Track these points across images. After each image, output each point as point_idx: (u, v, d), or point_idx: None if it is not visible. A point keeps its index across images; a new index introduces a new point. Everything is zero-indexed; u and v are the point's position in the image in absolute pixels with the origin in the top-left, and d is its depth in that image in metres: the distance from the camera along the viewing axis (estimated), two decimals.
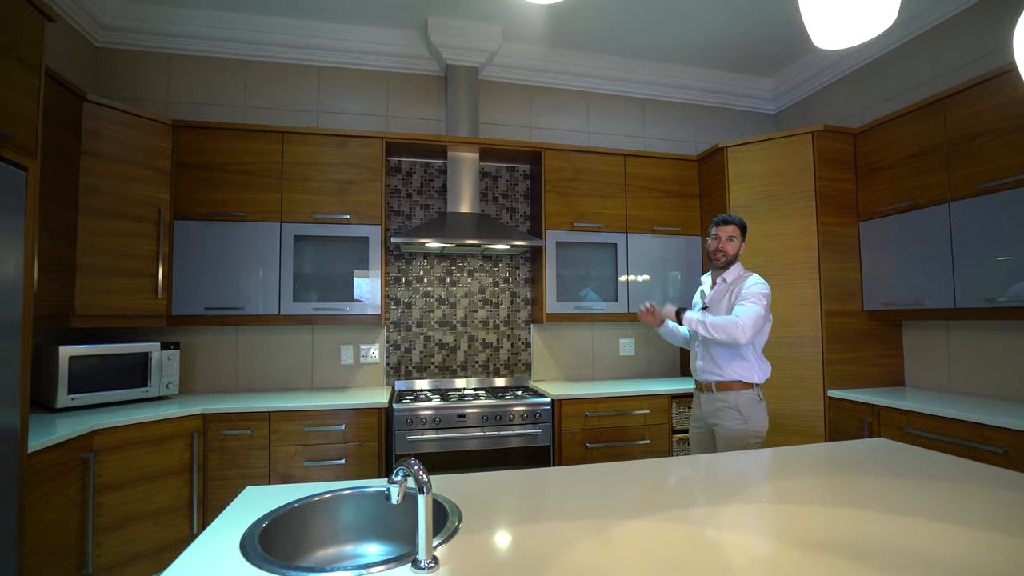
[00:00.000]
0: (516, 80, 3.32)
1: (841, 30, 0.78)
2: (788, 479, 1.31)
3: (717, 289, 2.19)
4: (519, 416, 2.61)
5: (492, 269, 3.24)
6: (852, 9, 0.75)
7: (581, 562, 0.85)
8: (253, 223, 2.64)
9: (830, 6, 0.76)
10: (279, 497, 1.13)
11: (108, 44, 2.84)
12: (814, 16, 0.78)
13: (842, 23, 0.77)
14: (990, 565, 0.81)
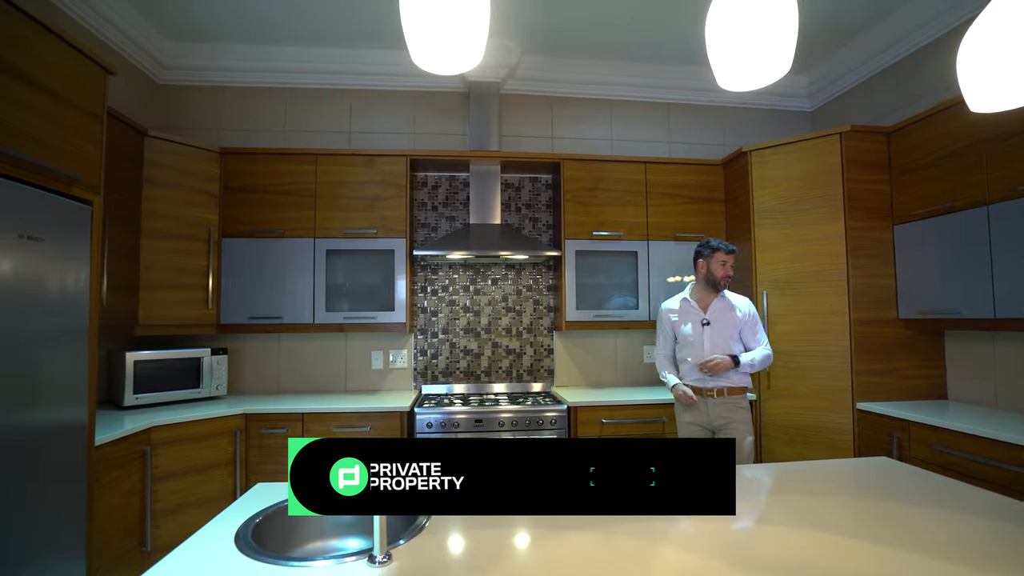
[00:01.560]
0: (537, 92, 3.40)
1: (742, 75, 0.82)
2: (757, 497, 1.32)
3: (719, 307, 2.40)
4: (535, 422, 2.69)
5: (515, 277, 3.34)
6: (750, 57, 0.79)
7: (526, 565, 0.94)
8: (290, 239, 2.89)
9: (732, 52, 0.80)
10: (284, 493, 1.29)
11: (168, 81, 3.18)
12: (717, 60, 0.83)
13: (742, 69, 0.81)
14: None
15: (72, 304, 1.80)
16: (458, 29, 0.70)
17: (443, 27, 0.70)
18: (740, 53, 0.80)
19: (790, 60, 0.80)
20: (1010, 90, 0.90)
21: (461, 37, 0.71)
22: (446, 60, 0.78)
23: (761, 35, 0.80)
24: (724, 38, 0.82)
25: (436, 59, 0.78)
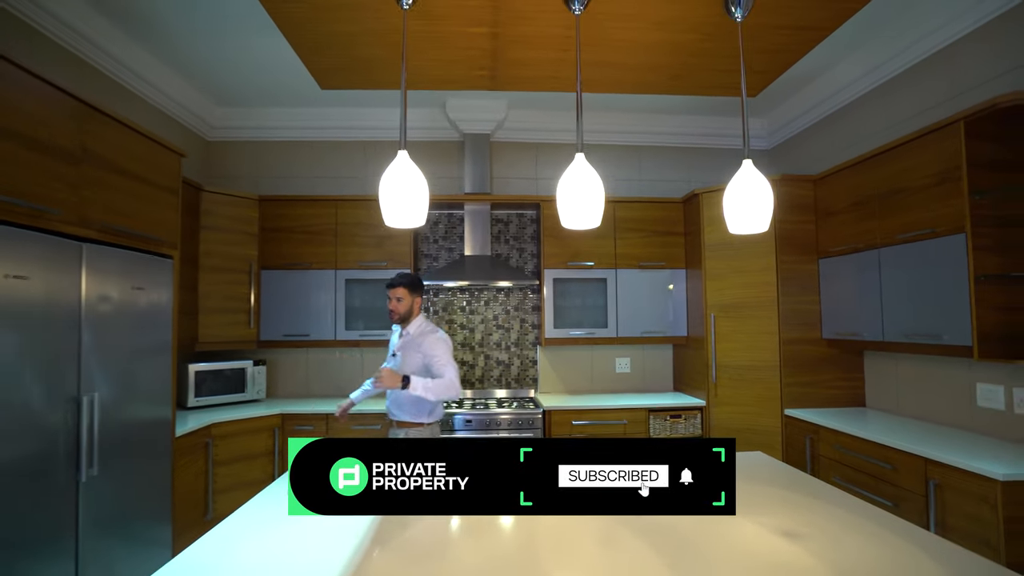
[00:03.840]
0: (523, 140, 3.96)
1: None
2: None
3: (405, 341, 2.48)
4: (516, 422, 3.26)
5: (504, 299, 3.90)
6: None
7: (453, 523, 1.50)
8: (315, 270, 3.50)
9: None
10: None
11: (216, 139, 3.83)
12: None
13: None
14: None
15: (160, 329, 2.43)
16: (410, 209, 1.27)
17: (401, 208, 1.28)
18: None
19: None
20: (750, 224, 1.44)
21: (412, 212, 1.29)
22: (403, 222, 1.37)
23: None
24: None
25: (397, 221, 1.37)
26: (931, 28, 2.65)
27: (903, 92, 2.92)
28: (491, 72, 1.95)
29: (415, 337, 2.46)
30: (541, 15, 1.57)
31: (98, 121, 2.07)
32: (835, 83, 3.34)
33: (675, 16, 1.59)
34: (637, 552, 1.24)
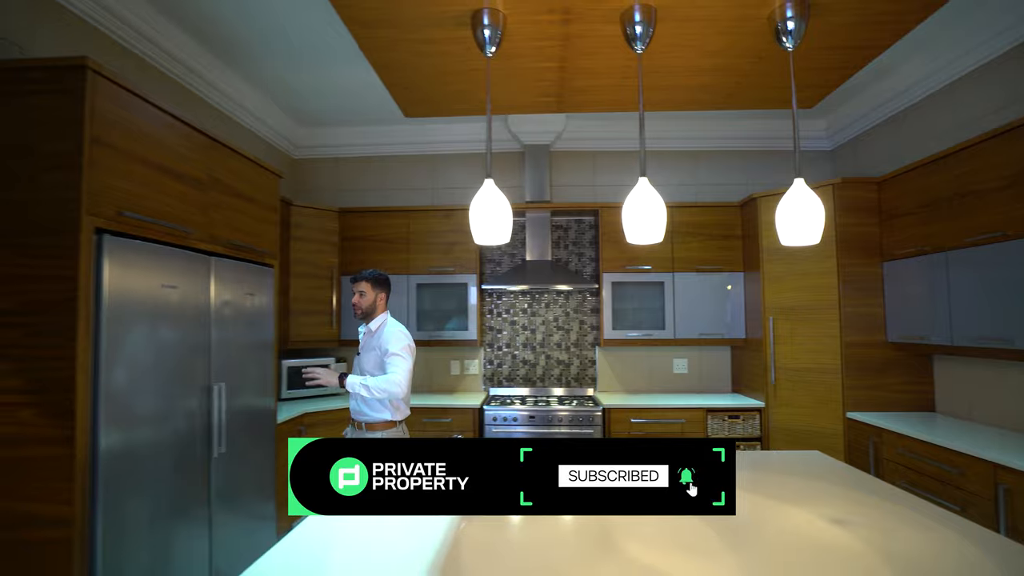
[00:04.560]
0: (581, 149, 4.13)
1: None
2: None
3: (366, 338, 2.50)
4: (576, 419, 3.43)
5: (564, 302, 4.08)
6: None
7: None
8: (390, 275, 3.81)
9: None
10: None
11: (300, 157, 4.24)
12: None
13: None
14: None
15: (265, 329, 2.78)
16: (497, 228, 1.49)
17: (489, 228, 1.49)
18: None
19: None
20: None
21: (499, 231, 1.50)
22: (491, 240, 1.58)
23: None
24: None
25: (485, 239, 1.59)
26: (1003, 27, 2.60)
27: (972, 91, 2.86)
28: (557, 98, 2.14)
29: (375, 333, 2.47)
30: (605, 51, 1.74)
31: (220, 152, 2.43)
32: (900, 83, 3.30)
33: (727, 45, 1.71)
34: (695, 529, 1.39)
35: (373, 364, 2.42)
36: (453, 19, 1.55)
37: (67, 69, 1.70)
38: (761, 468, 2.05)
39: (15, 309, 1.66)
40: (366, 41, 1.69)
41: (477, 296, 3.79)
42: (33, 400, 1.68)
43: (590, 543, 1.35)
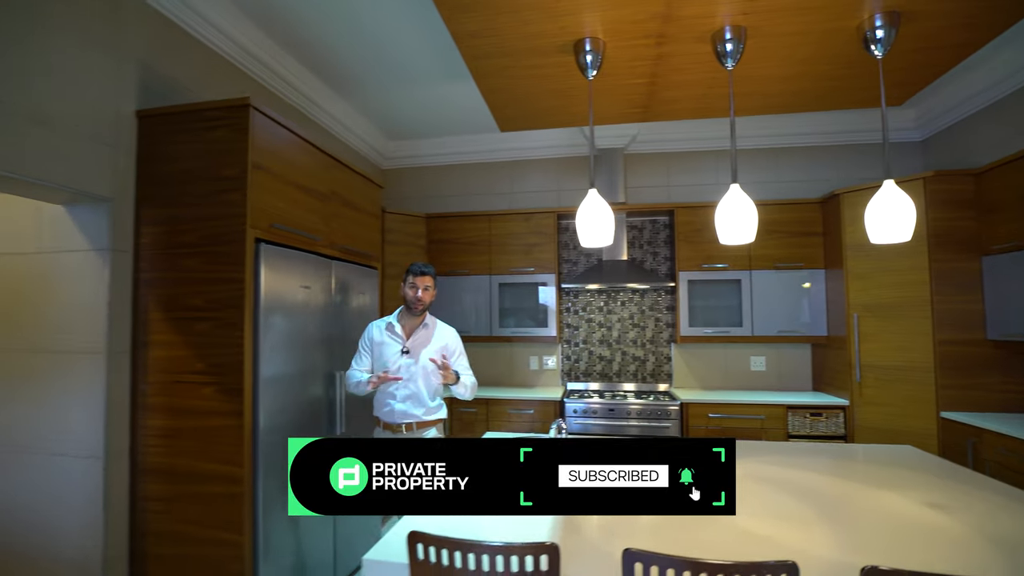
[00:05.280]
0: (655, 151, 4.22)
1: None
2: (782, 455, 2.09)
3: (420, 335, 2.35)
4: (653, 413, 3.55)
5: (639, 300, 4.20)
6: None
7: None
8: (474, 276, 4.09)
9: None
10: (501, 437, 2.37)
11: (388, 166, 4.62)
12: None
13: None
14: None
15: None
16: (600, 232, 1.68)
17: (594, 232, 1.69)
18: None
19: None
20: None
21: (602, 234, 1.69)
22: (596, 242, 1.77)
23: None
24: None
25: (591, 242, 1.78)
26: None
27: None
28: (643, 109, 2.29)
29: (434, 331, 2.38)
30: (694, 66, 1.87)
31: (339, 169, 2.77)
32: (999, 70, 3.16)
33: (815, 54, 1.79)
34: (787, 503, 1.51)
35: (429, 367, 2.28)
36: (557, 48, 1.75)
37: (235, 108, 2.06)
38: (848, 458, 2.11)
39: (204, 306, 2.04)
40: (479, 70, 1.92)
41: (556, 295, 3.99)
42: (213, 380, 2.05)
43: None
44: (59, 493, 2.05)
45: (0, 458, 2.11)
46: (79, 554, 2.02)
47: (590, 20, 1.59)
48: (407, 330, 2.35)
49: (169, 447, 2.11)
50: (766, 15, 1.59)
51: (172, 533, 2.09)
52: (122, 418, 2.11)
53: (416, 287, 2.34)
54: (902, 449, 2.23)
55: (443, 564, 1.13)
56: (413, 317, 2.36)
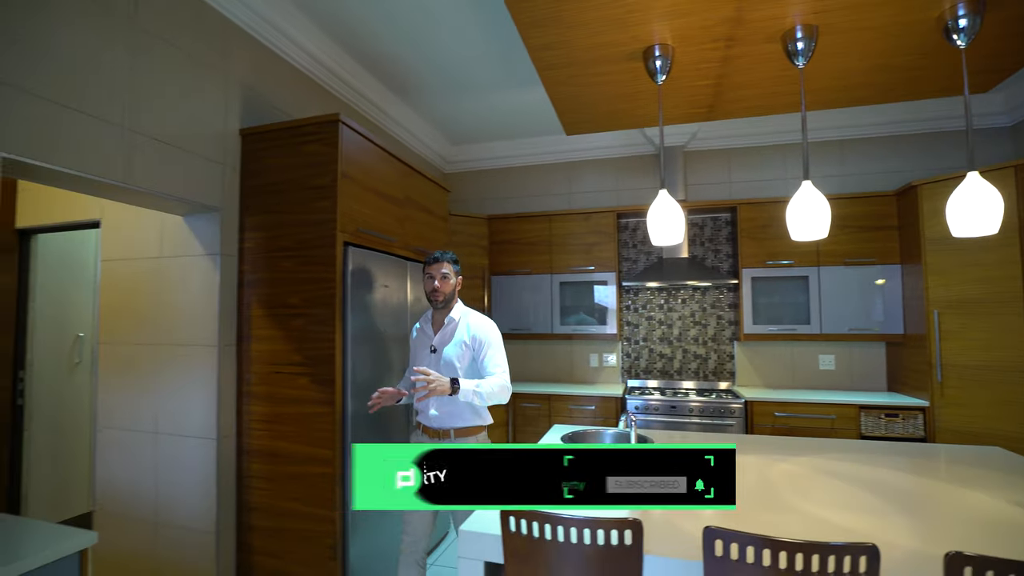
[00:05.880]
0: (716, 147, 4.18)
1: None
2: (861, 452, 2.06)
3: (446, 330, 2.11)
4: (717, 411, 3.53)
5: (700, 298, 4.17)
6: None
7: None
8: (534, 275, 4.21)
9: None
10: (570, 429, 2.47)
11: (450, 171, 4.81)
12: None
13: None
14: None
15: None
16: (671, 230, 1.74)
17: (665, 230, 1.75)
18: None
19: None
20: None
21: (673, 232, 1.76)
22: (666, 240, 1.84)
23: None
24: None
25: (661, 240, 1.85)
26: None
27: None
28: (708, 109, 2.31)
29: (460, 325, 2.11)
30: (762, 66, 1.89)
31: (412, 176, 2.96)
32: None
33: (891, 47, 1.77)
34: (862, 497, 1.53)
35: (459, 358, 2.04)
36: (626, 55, 1.83)
37: (326, 123, 2.27)
38: (928, 457, 2.06)
39: (300, 304, 2.27)
40: (550, 79, 2.03)
41: (616, 293, 4.04)
42: (307, 371, 2.27)
43: (757, 500, 1.55)
44: (182, 469, 2.34)
45: (137, 438, 2.43)
46: (199, 522, 2.29)
47: (660, 28, 1.66)
48: (435, 326, 2.15)
49: (270, 431, 2.35)
50: (839, 12, 1.59)
51: (273, 508, 2.33)
52: (230, 404, 2.37)
53: (432, 277, 2.11)
54: (989, 450, 2.14)
55: (533, 535, 1.25)
56: (439, 312, 2.16)
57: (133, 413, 2.46)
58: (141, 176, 1.99)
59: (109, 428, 2.52)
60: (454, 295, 2.15)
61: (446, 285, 2.12)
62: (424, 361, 2.13)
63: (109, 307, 2.56)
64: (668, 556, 1.21)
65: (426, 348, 2.14)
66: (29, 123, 1.64)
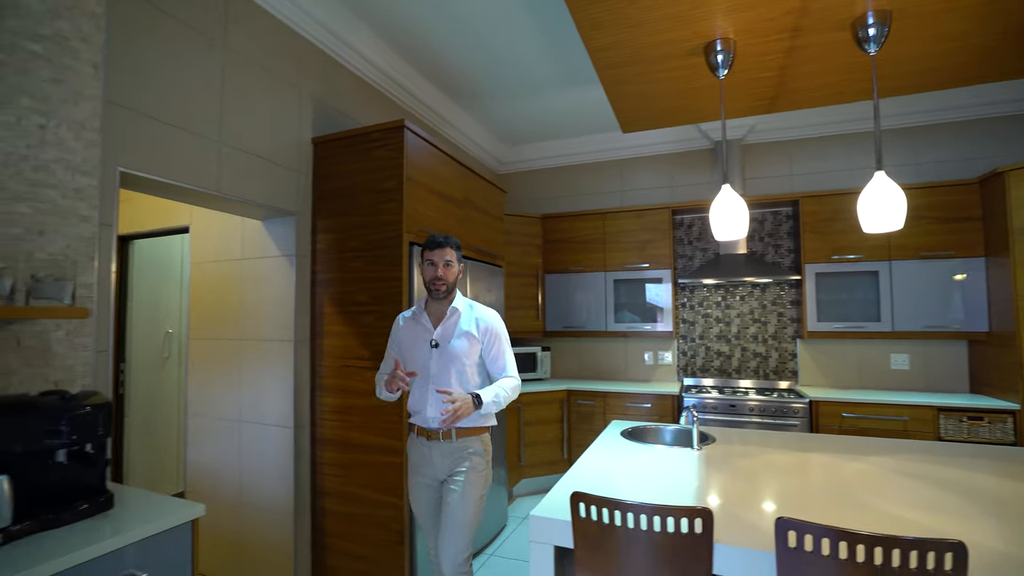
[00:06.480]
0: (776, 139, 4.05)
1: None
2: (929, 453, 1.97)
3: (449, 322, 1.89)
4: (779, 410, 3.43)
5: (760, 295, 4.06)
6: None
7: (766, 460, 1.90)
8: (588, 273, 4.22)
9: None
10: (629, 424, 2.48)
11: (503, 171, 4.89)
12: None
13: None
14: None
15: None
16: (735, 225, 1.73)
17: (728, 225, 1.75)
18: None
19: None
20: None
21: (736, 227, 1.74)
22: (730, 235, 1.83)
23: None
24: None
25: (725, 235, 1.84)
26: None
27: None
28: (770, 101, 2.26)
29: (464, 315, 1.90)
30: (830, 55, 1.85)
31: (470, 177, 3.05)
32: None
33: (968, 28, 1.67)
34: (945, 499, 1.47)
35: (466, 354, 1.86)
36: (687, 51, 1.83)
37: (392, 129, 2.39)
38: (1017, 460, 1.94)
39: (368, 301, 2.40)
40: (609, 78, 2.06)
41: (671, 290, 3.99)
42: (376, 365, 2.39)
43: (829, 497, 1.52)
44: (262, 455, 2.52)
45: (222, 426, 2.64)
46: (278, 504, 2.47)
47: (722, 23, 1.65)
48: (435, 318, 1.91)
49: (342, 421, 2.49)
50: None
51: (345, 494, 2.47)
52: (305, 396, 2.54)
53: (434, 264, 1.86)
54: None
55: (604, 522, 1.29)
56: (438, 303, 1.91)
57: (219, 403, 2.67)
58: (229, 185, 2.17)
59: (198, 416, 2.75)
60: (456, 284, 1.93)
61: (449, 273, 1.87)
62: (422, 357, 1.88)
63: (197, 305, 2.79)
64: (739, 546, 1.22)
65: (425, 343, 1.88)
66: (144, 141, 1.83)
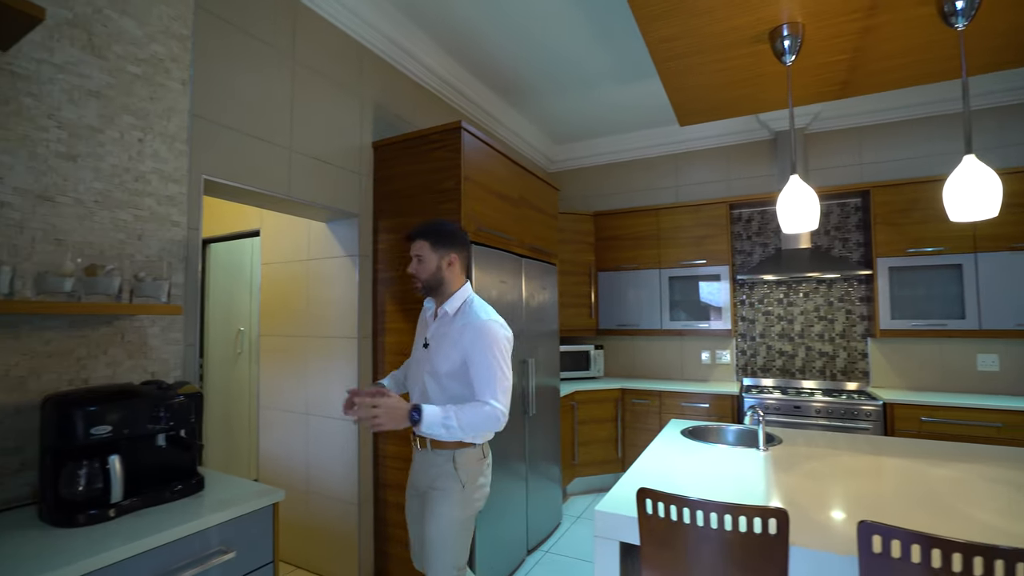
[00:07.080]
0: (843, 127, 3.84)
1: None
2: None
3: (440, 324, 1.68)
4: (848, 412, 3.25)
5: (826, 291, 3.86)
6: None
7: (838, 462, 1.81)
8: (642, 270, 4.15)
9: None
10: (688, 424, 2.43)
11: (553, 169, 4.89)
12: None
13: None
14: None
15: (550, 318, 3.37)
16: (805, 217, 1.66)
17: (797, 217, 1.67)
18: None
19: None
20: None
21: (806, 220, 1.67)
22: (799, 228, 1.75)
23: None
24: None
25: (793, 228, 1.76)
26: None
27: None
28: (842, 85, 2.15)
29: (457, 320, 1.66)
30: (911, 32, 1.74)
31: (525, 176, 3.07)
32: None
33: None
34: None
35: (447, 362, 1.62)
36: (751, 38, 1.77)
37: (450, 131, 2.44)
38: None
39: None
40: (668, 71, 2.02)
41: (730, 287, 3.86)
42: None
43: (914, 503, 1.43)
44: (328, 447, 2.64)
45: (291, 418, 2.78)
46: (343, 494, 2.58)
47: (789, 6, 1.59)
48: (436, 316, 1.74)
49: None
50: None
51: (404, 486, 2.55)
52: None
53: (415, 258, 1.69)
54: None
55: (671, 519, 1.27)
56: (440, 299, 1.72)
57: (287, 396, 2.82)
58: (298, 189, 2.29)
59: (269, 409, 2.91)
60: (441, 280, 1.67)
61: (422, 269, 1.67)
62: (418, 354, 1.74)
63: (267, 304, 2.96)
64: (817, 549, 1.18)
65: (422, 339, 1.74)
66: (223, 150, 1.96)
